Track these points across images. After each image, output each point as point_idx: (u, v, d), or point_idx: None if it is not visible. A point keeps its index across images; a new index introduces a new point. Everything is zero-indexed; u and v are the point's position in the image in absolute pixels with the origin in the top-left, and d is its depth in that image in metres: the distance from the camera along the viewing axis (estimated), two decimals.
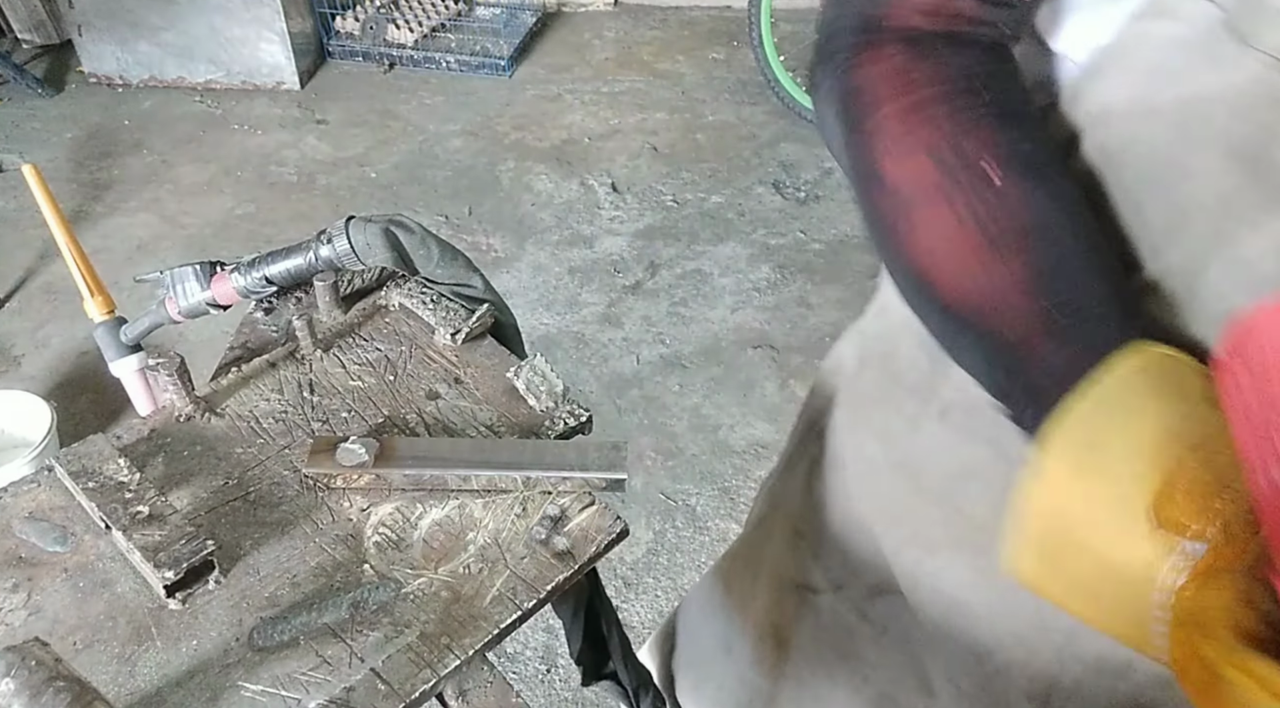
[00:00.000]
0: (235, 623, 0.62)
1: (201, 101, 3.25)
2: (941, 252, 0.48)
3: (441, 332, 0.83)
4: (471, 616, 0.63)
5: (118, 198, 2.81)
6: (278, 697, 0.58)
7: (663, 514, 1.96)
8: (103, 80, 3.30)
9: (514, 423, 0.77)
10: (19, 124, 3.09)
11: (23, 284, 2.50)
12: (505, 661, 1.71)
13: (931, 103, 0.48)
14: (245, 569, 0.65)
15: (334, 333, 0.84)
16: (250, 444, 0.74)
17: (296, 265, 0.84)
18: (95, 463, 0.68)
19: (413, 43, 3.46)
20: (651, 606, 1.81)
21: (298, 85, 3.30)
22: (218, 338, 2.24)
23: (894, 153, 0.49)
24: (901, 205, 0.49)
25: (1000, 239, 0.47)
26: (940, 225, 0.48)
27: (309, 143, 3.07)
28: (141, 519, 0.64)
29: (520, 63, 3.51)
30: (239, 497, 0.70)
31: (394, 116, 3.20)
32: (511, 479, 0.70)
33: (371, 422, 0.76)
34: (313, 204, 2.81)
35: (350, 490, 0.71)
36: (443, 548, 0.68)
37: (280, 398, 0.78)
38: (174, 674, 0.60)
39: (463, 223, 2.75)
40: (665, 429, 2.14)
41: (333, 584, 0.65)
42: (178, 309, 0.91)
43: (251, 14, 3.14)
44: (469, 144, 3.08)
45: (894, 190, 0.49)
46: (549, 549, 0.68)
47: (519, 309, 2.42)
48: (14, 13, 3.34)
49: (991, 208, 0.47)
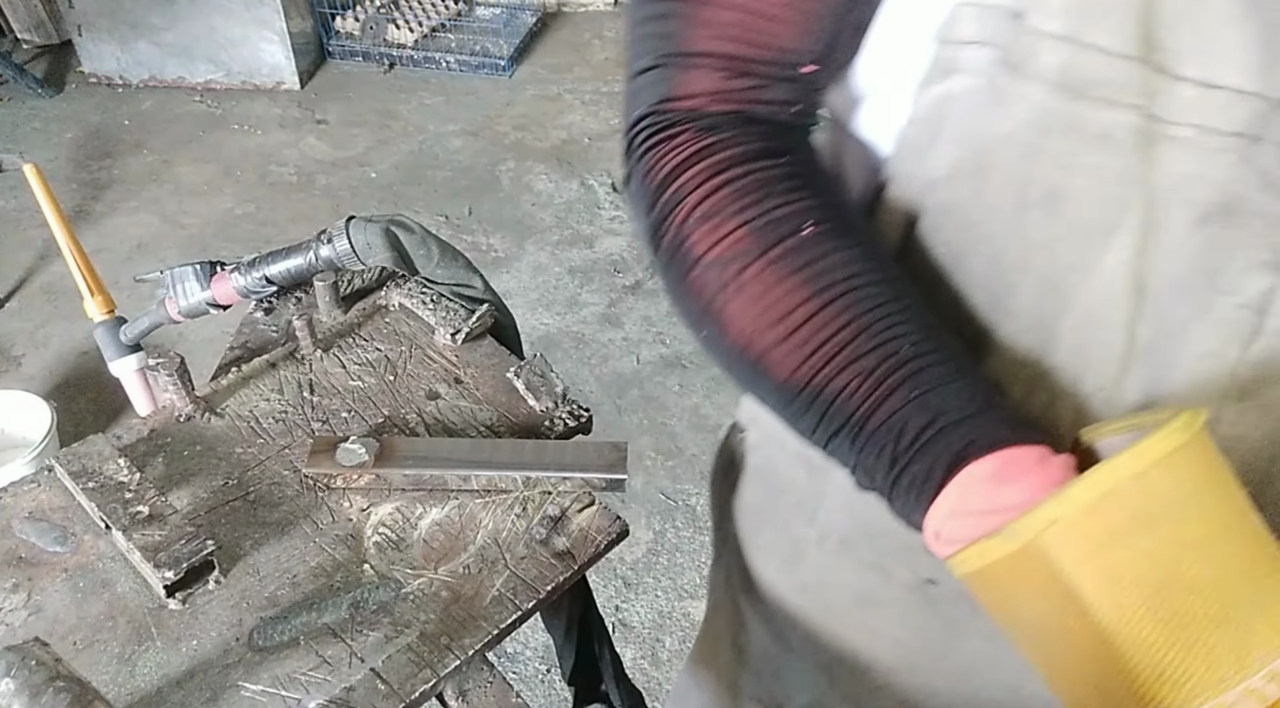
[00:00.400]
0: (235, 623, 0.62)
1: (201, 101, 3.25)
2: (766, 319, 0.45)
3: (441, 332, 0.83)
4: (471, 616, 0.63)
5: (118, 198, 2.81)
6: (278, 697, 0.58)
7: (663, 514, 1.96)
8: (103, 80, 3.30)
9: (514, 423, 0.77)
10: (19, 124, 3.09)
11: (23, 284, 2.50)
12: (505, 661, 1.71)
13: (732, 174, 0.47)
14: (245, 569, 0.65)
15: (334, 333, 0.84)
16: (250, 444, 0.74)
17: (296, 265, 0.84)
18: (95, 463, 0.68)
19: (413, 43, 3.46)
20: (651, 606, 1.81)
21: (298, 85, 3.30)
22: (218, 338, 2.24)
23: (704, 229, 0.47)
24: (717, 279, 0.47)
25: (824, 295, 0.44)
26: (761, 290, 0.45)
27: (309, 143, 3.07)
28: (141, 519, 0.64)
29: (520, 63, 3.51)
30: (239, 497, 0.70)
31: (394, 116, 3.20)
32: (511, 479, 0.70)
33: (371, 422, 0.76)
34: (313, 204, 2.81)
35: (350, 490, 0.71)
36: (443, 548, 0.68)
37: (280, 398, 0.78)
38: (174, 674, 0.59)
39: (463, 223, 2.75)
40: (665, 429, 2.14)
41: (333, 584, 0.65)
42: (178, 309, 0.91)
43: (251, 14, 3.14)
44: (469, 144, 3.08)
45: (709, 265, 0.47)
46: (549, 549, 0.68)
47: (519, 309, 2.42)
48: (14, 13, 3.34)
49: (811, 264, 0.45)
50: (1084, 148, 0.41)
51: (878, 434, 0.43)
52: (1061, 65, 0.40)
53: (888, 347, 0.43)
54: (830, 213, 0.47)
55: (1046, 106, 0.41)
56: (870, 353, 0.43)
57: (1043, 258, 0.44)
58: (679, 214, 0.48)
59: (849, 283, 0.45)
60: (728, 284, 0.46)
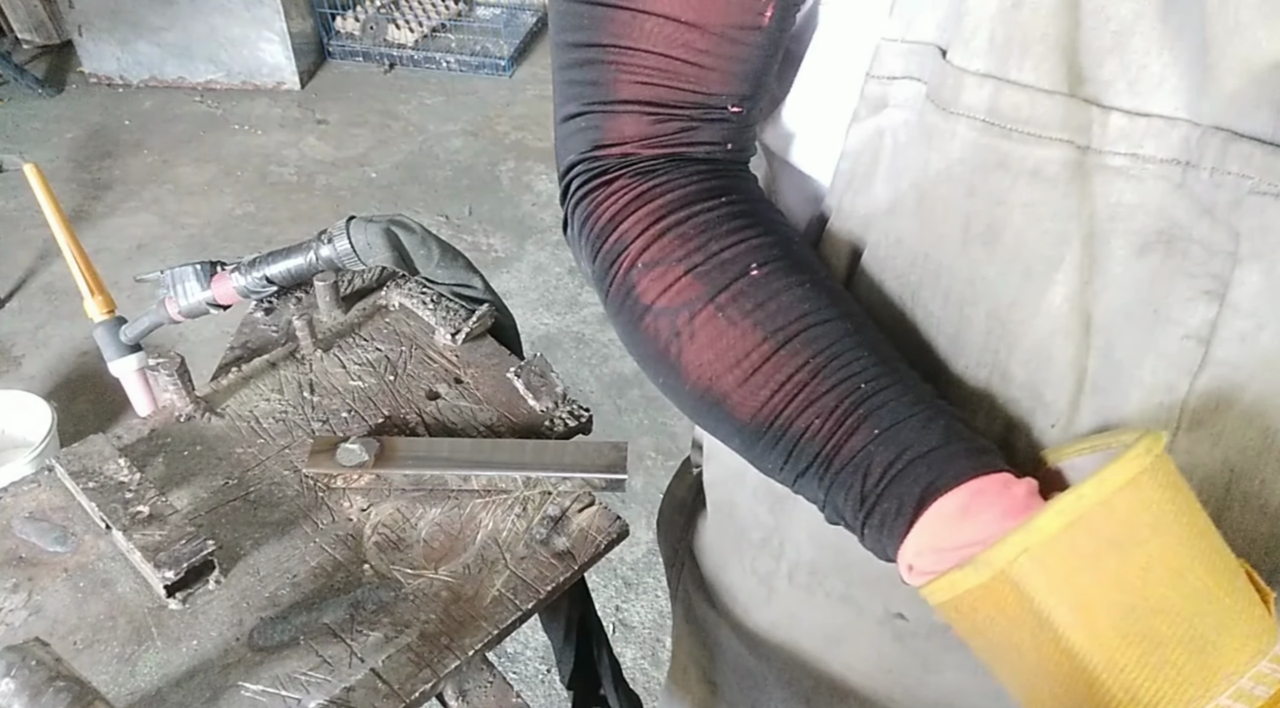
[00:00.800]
0: (235, 623, 0.62)
1: (201, 101, 3.25)
2: (722, 363, 0.45)
3: (441, 332, 0.83)
4: (471, 616, 0.63)
5: (118, 198, 2.81)
6: (278, 697, 0.58)
7: None
8: (103, 80, 3.30)
9: (514, 423, 0.77)
10: (19, 124, 3.09)
11: (23, 284, 2.50)
12: (505, 661, 1.71)
13: (674, 219, 0.46)
14: (245, 569, 0.65)
15: (334, 333, 0.84)
16: (250, 444, 0.74)
17: (297, 265, 0.84)
18: (95, 463, 0.68)
19: (413, 43, 3.46)
20: (651, 606, 1.81)
21: (298, 85, 3.30)
22: (218, 338, 2.24)
23: (650, 277, 0.46)
24: (669, 326, 0.46)
25: (778, 336, 0.44)
26: (714, 334, 0.45)
27: (309, 143, 3.07)
28: (141, 519, 0.64)
29: (520, 63, 3.51)
30: (239, 497, 0.70)
31: (394, 116, 3.20)
32: (511, 479, 0.70)
33: (371, 422, 0.76)
34: (313, 204, 2.81)
35: (350, 490, 0.71)
36: (443, 548, 0.68)
37: (280, 398, 0.78)
38: (174, 674, 0.60)
39: (463, 223, 2.75)
40: (665, 429, 2.14)
41: (333, 584, 0.65)
42: (178, 309, 0.91)
43: (251, 14, 3.14)
44: (469, 144, 3.08)
45: (659, 313, 0.46)
46: (549, 549, 0.68)
47: (519, 309, 2.42)
48: (14, 13, 3.34)
49: (762, 305, 0.44)
50: (1017, 184, 0.41)
51: (844, 474, 0.43)
52: (986, 103, 0.40)
53: (846, 384, 0.43)
54: (776, 250, 0.46)
55: (977, 143, 0.41)
56: (829, 392, 0.43)
57: (989, 293, 0.44)
58: (623, 262, 0.47)
59: (801, 321, 0.44)
60: (680, 331, 0.46)
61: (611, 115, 0.47)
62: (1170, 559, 0.36)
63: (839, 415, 0.43)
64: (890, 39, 0.43)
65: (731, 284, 0.45)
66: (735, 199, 0.47)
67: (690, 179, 0.47)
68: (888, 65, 0.44)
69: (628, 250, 0.47)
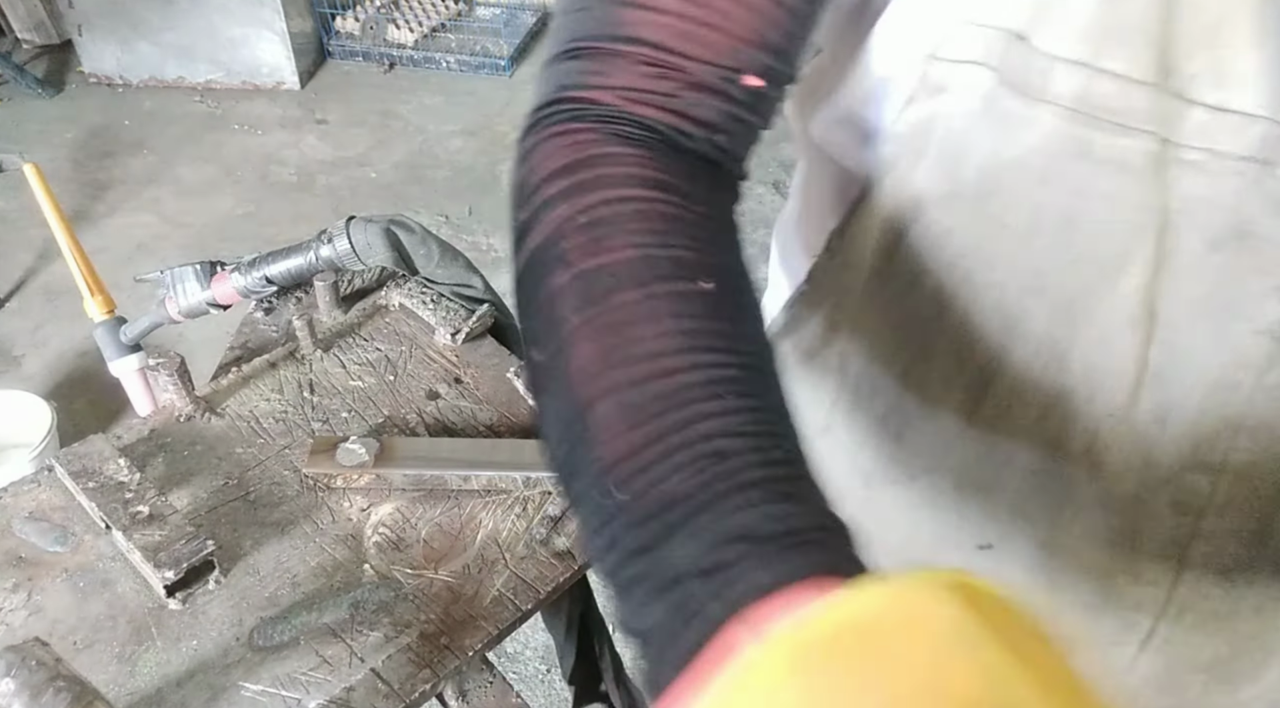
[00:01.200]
0: (235, 623, 0.62)
1: (201, 101, 3.25)
2: (618, 357, 0.36)
3: (441, 332, 0.83)
4: (471, 616, 0.63)
5: (118, 198, 2.80)
6: (278, 697, 0.58)
7: None
8: (103, 80, 3.30)
9: (514, 423, 0.77)
10: (19, 124, 3.09)
11: (23, 284, 2.50)
12: (505, 661, 1.71)
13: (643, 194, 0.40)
14: (245, 569, 0.65)
15: (334, 333, 0.84)
16: (250, 444, 0.74)
17: (297, 265, 0.84)
18: (95, 463, 0.68)
19: (413, 43, 3.46)
20: None
21: (298, 85, 3.30)
22: (218, 338, 2.24)
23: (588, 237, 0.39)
24: (584, 292, 0.38)
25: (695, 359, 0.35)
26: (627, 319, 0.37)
27: (309, 143, 3.07)
28: (141, 519, 0.64)
29: (521, 63, 3.51)
30: (239, 497, 0.70)
31: (394, 116, 3.20)
32: (511, 479, 0.70)
33: (371, 422, 0.76)
34: (313, 204, 2.80)
35: (350, 490, 0.71)
36: (443, 548, 0.68)
37: (280, 398, 0.78)
38: (174, 674, 0.59)
39: (463, 223, 2.75)
40: None
41: (333, 584, 0.65)
42: (178, 309, 0.91)
43: (251, 14, 3.14)
44: (469, 144, 3.08)
45: (581, 275, 0.39)
46: (549, 549, 0.68)
47: None
48: (14, 13, 3.34)
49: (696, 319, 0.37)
50: (1099, 174, 0.40)
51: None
52: (1076, 91, 0.39)
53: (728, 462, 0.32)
54: (734, 282, 0.39)
55: (1060, 132, 0.40)
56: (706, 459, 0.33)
57: (1055, 284, 0.43)
58: (562, 212, 0.40)
59: (726, 357, 0.36)
60: (595, 301, 0.38)
61: (605, 57, 0.42)
62: None
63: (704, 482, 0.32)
64: (963, 21, 0.41)
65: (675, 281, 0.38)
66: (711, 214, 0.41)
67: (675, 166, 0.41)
68: (956, 48, 0.42)
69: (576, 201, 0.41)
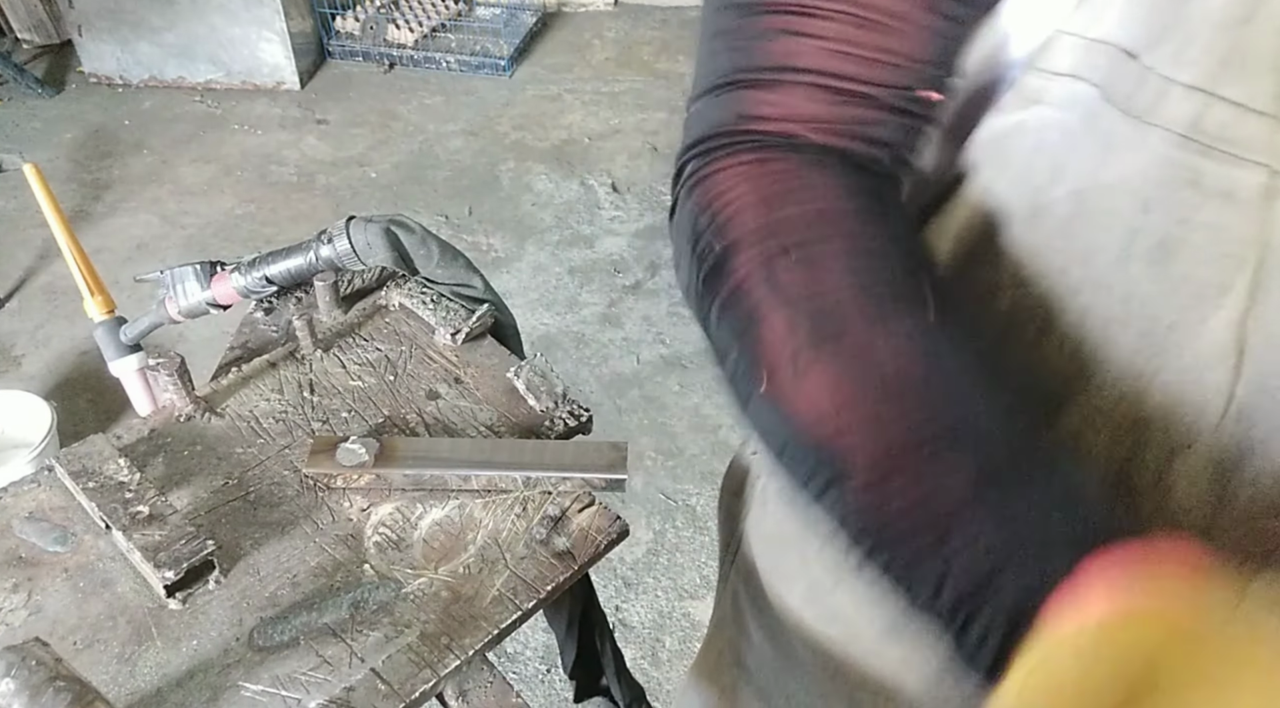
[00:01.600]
0: (235, 623, 0.62)
1: (201, 101, 3.25)
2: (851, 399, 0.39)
3: (441, 332, 0.83)
4: (471, 616, 0.63)
5: (118, 198, 2.81)
6: (278, 697, 0.58)
7: (663, 514, 1.96)
8: (103, 80, 3.30)
9: (514, 423, 0.77)
10: (19, 124, 3.09)
11: (23, 284, 2.50)
12: (505, 661, 1.71)
13: (852, 226, 0.41)
14: (245, 569, 0.65)
15: (334, 333, 0.84)
16: (250, 444, 0.74)
17: (297, 265, 0.84)
18: (95, 463, 0.68)
19: (413, 43, 3.46)
20: (651, 606, 1.81)
21: (298, 85, 3.30)
22: (218, 338, 2.24)
23: (802, 275, 0.40)
24: (805, 336, 0.40)
25: (895, 392, 0.38)
26: (857, 361, 0.39)
27: (309, 143, 3.07)
28: (141, 519, 0.64)
29: (520, 63, 3.51)
30: (239, 497, 0.70)
31: (394, 116, 3.20)
32: (511, 479, 0.70)
33: (371, 422, 0.76)
34: (313, 204, 2.81)
35: (350, 490, 0.71)
36: (443, 548, 0.68)
37: (280, 398, 0.78)
38: (174, 674, 0.59)
39: (463, 223, 2.75)
40: (665, 429, 2.14)
41: (333, 584, 0.65)
42: (178, 309, 0.91)
43: (251, 14, 3.14)
44: (469, 144, 3.08)
45: (793, 312, 0.40)
46: (549, 549, 0.68)
47: (519, 309, 2.41)
48: (14, 13, 3.34)
49: (930, 357, 0.39)
50: (1204, 204, 0.38)
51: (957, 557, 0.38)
52: (1190, 117, 0.37)
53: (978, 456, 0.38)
54: (944, 303, 0.41)
55: (1168, 158, 0.38)
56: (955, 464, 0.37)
57: (1144, 312, 0.41)
58: (771, 248, 0.40)
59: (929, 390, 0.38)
60: (823, 343, 0.39)
61: (775, 87, 0.40)
62: None
63: (968, 492, 0.37)
64: (1069, 32, 0.39)
65: (902, 319, 0.40)
66: (900, 230, 0.42)
67: (867, 187, 0.40)
68: (1058, 60, 0.40)
69: (772, 236, 0.40)
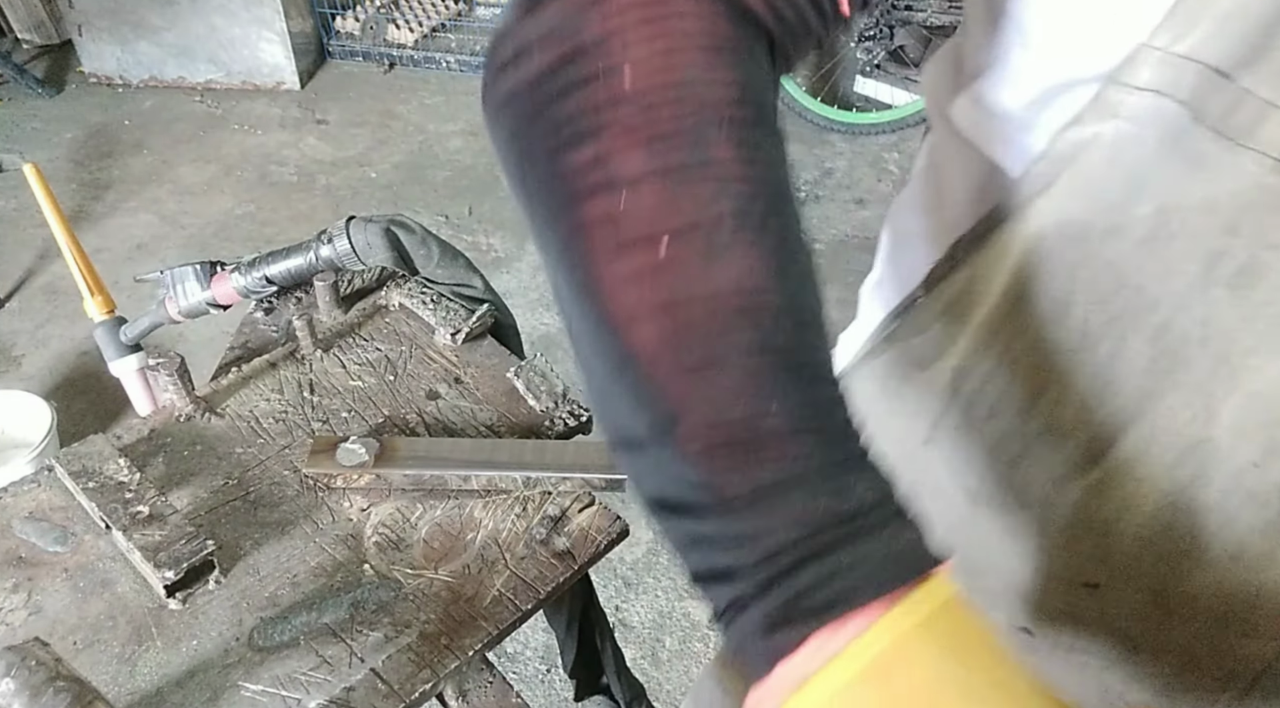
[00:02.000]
0: (235, 623, 0.62)
1: (201, 101, 3.25)
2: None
3: (441, 332, 0.83)
4: (471, 616, 0.63)
5: (118, 198, 2.80)
6: (278, 697, 0.58)
7: None
8: (103, 80, 3.30)
9: (514, 423, 0.77)
10: (19, 124, 3.09)
11: (23, 284, 2.50)
12: (505, 661, 1.71)
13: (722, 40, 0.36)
14: (245, 569, 0.65)
15: (334, 333, 0.84)
16: (250, 444, 0.74)
17: (297, 265, 0.84)
18: (95, 463, 0.68)
19: (413, 43, 3.46)
20: (651, 606, 1.81)
21: (298, 85, 3.30)
22: (218, 338, 2.24)
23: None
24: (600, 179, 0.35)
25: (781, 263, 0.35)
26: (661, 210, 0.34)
27: (309, 143, 3.07)
28: (141, 519, 0.64)
29: None
30: (239, 497, 0.70)
31: (394, 116, 3.20)
32: (511, 479, 0.70)
33: (371, 422, 0.76)
34: (313, 204, 2.80)
35: (350, 490, 0.71)
36: (443, 548, 0.68)
37: (280, 398, 0.78)
38: (174, 674, 0.59)
39: (463, 223, 2.75)
40: None
41: (333, 584, 0.65)
42: (178, 309, 0.91)
43: (251, 14, 3.14)
44: (469, 144, 3.08)
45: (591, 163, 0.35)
46: (549, 549, 0.68)
47: (519, 309, 2.41)
48: (14, 13, 3.34)
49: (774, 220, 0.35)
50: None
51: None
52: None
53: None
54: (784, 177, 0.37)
55: (1261, 183, 0.37)
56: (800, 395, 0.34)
57: (1222, 335, 0.40)
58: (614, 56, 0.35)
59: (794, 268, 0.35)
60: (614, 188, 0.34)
61: None
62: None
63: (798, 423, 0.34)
64: (1154, 46, 0.38)
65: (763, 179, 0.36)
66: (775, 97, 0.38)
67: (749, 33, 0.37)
68: (1140, 74, 0.39)
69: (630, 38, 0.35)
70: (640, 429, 0.36)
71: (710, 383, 0.34)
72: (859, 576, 0.32)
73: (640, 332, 0.35)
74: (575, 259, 0.36)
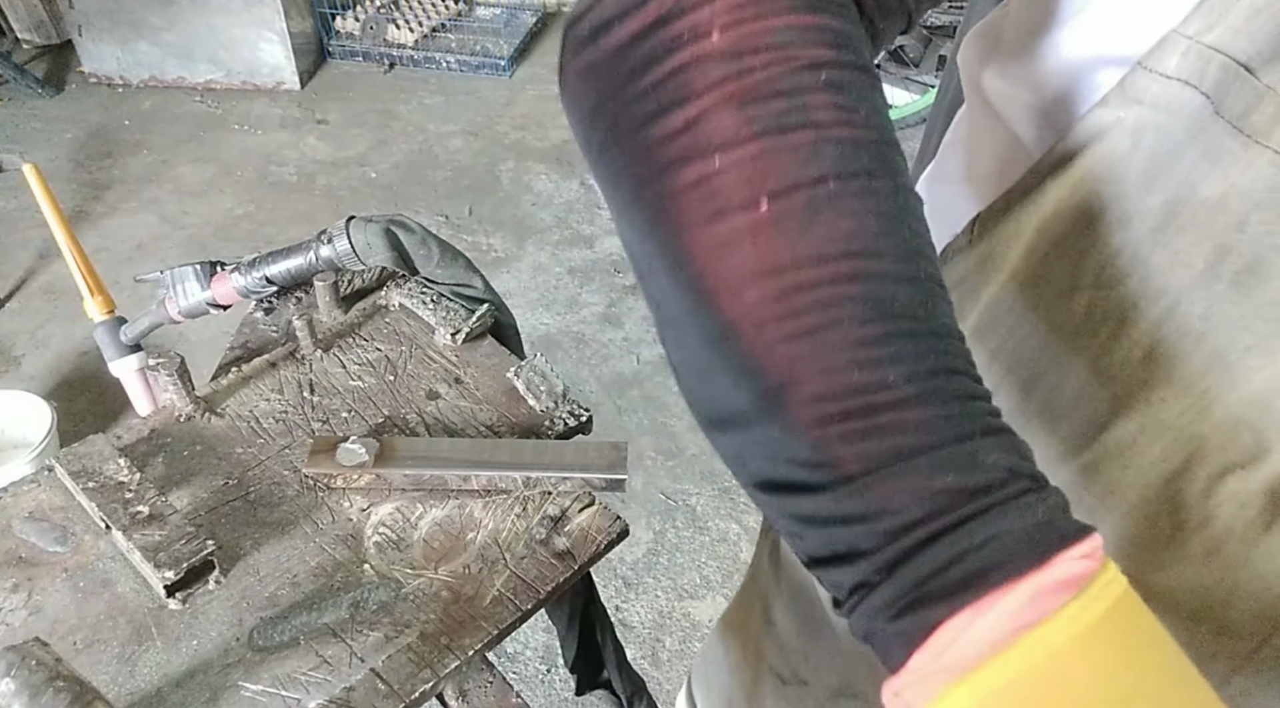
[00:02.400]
0: (235, 623, 0.62)
1: (201, 101, 3.25)
2: None
3: (441, 332, 0.83)
4: (471, 616, 0.63)
5: (118, 198, 2.81)
6: (278, 697, 0.58)
7: (663, 514, 1.96)
8: (103, 80, 3.30)
9: (514, 423, 0.77)
10: (19, 124, 3.09)
11: (23, 284, 2.50)
12: (505, 661, 1.71)
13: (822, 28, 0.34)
14: (245, 569, 0.65)
15: (334, 333, 0.84)
16: (250, 444, 0.74)
17: (297, 265, 0.84)
18: (95, 463, 0.68)
19: (413, 43, 3.46)
20: (651, 606, 1.81)
21: (298, 85, 3.30)
22: (218, 338, 2.24)
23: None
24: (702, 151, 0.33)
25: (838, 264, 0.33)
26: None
27: (309, 143, 3.07)
28: (141, 519, 0.64)
29: (520, 63, 3.51)
30: (239, 497, 0.70)
31: (394, 116, 3.20)
32: (511, 479, 0.70)
33: (371, 422, 0.76)
34: (313, 204, 2.81)
35: (350, 490, 0.71)
36: (443, 548, 0.68)
37: (280, 398, 0.78)
38: (174, 674, 0.59)
39: (463, 223, 2.75)
40: (665, 429, 2.14)
41: (333, 584, 0.65)
42: (178, 309, 0.91)
43: (251, 14, 3.14)
44: (469, 144, 3.08)
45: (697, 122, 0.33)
46: (549, 549, 0.68)
47: (519, 309, 2.42)
48: (14, 13, 3.34)
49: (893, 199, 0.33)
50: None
51: None
52: None
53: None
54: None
55: (1273, 182, 0.36)
56: None
57: (1222, 332, 0.40)
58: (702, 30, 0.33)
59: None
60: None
61: None
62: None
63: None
64: (1184, 34, 0.38)
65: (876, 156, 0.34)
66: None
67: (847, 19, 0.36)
68: (1169, 61, 0.38)
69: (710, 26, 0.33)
70: (744, 404, 0.33)
71: (821, 351, 0.31)
72: (994, 552, 0.30)
73: (742, 298, 0.32)
74: (668, 228, 0.34)
